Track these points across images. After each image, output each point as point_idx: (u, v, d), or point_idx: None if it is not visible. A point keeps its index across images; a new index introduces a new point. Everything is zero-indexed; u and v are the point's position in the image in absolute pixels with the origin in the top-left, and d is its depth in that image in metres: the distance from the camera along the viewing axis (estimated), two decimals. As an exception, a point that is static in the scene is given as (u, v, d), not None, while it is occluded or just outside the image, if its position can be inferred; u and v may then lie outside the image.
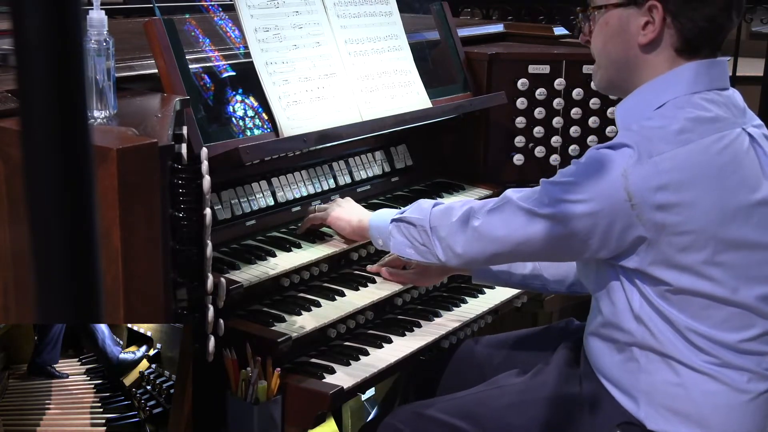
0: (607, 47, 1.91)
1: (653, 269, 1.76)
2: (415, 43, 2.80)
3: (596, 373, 1.95)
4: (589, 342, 1.98)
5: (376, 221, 2.18)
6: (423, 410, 2.05)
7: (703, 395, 1.80)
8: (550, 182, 1.84)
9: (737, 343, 1.80)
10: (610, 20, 1.88)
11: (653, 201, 1.71)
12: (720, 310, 1.78)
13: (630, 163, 1.72)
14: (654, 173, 1.71)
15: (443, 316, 2.39)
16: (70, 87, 0.63)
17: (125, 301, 1.52)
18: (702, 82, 1.82)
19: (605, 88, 2.01)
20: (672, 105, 1.81)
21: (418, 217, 2.04)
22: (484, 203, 1.94)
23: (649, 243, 1.74)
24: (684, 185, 1.72)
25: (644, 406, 1.84)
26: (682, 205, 1.72)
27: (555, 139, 2.95)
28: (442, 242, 1.99)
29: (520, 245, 1.86)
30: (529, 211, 1.83)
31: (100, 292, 0.67)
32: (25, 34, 0.62)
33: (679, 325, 1.79)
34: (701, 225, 1.72)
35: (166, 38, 2.07)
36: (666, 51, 1.84)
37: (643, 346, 1.83)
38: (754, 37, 7.53)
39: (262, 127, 2.27)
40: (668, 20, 1.81)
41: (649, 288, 1.79)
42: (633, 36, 1.85)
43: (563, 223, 1.79)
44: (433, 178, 2.91)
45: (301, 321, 2.08)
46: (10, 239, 1.62)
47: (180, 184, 1.73)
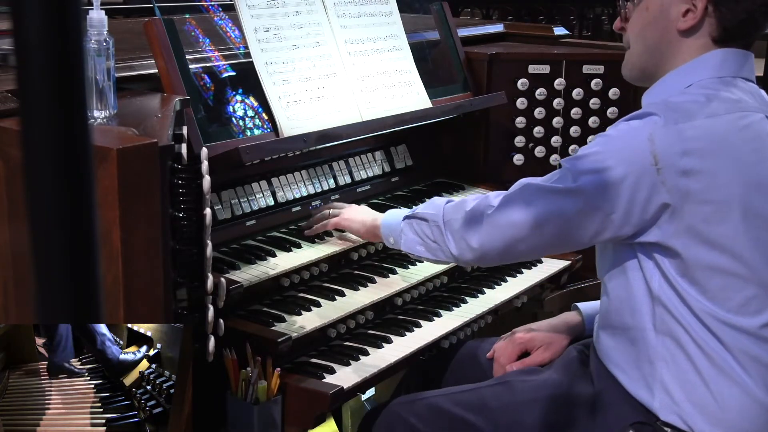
0: (645, 32, 1.92)
1: (674, 241, 1.75)
2: (415, 43, 2.80)
3: (609, 368, 1.94)
4: (600, 337, 1.97)
5: (388, 219, 2.17)
6: (429, 399, 2.05)
7: (720, 387, 1.79)
8: (572, 159, 1.84)
9: (755, 329, 1.79)
10: (651, 6, 1.90)
11: (679, 165, 1.72)
12: (738, 292, 1.78)
13: (657, 128, 1.74)
14: (680, 139, 1.73)
15: (443, 316, 2.39)
16: (70, 87, 0.63)
17: (125, 301, 1.52)
18: (729, 68, 1.85)
19: (637, 77, 2.01)
20: (697, 85, 1.84)
21: (432, 213, 2.01)
22: (498, 192, 1.92)
23: (672, 212, 1.74)
24: (708, 154, 1.73)
25: (659, 394, 1.83)
26: (706, 173, 1.72)
27: (555, 139, 2.95)
28: (455, 236, 1.95)
29: (539, 227, 1.82)
30: (549, 189, 1.82)
31: (100, 292, 0.67)
32: (25, 34, 0.62)
33: (697, 309, 1.78)
34: (724, 195, 1.73)
35: (166, 38, 2.07)
36: (702, 39, 1.86)
37: (660, 330, 1.81)
38: (754, 37, 7.51)
39: (262, 127, 2.27)
40: (710, 9, 1.83)
41: (669, 263, 1.77)
42: (672, 22, 1.86)
43: (587, 195, 1.77)
44: (433, 178, 2.91)
45: (301, 321, 2.08)
46: (10, 239, 1.62)
47: (180, 184, 1.73)
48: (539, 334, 2.23)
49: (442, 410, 2.03)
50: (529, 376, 2.10)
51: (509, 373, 2.16)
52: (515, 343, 2.22)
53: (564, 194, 1.80)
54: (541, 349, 2.20)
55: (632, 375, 1.88)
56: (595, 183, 1.77)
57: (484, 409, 2.01)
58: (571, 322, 2.26)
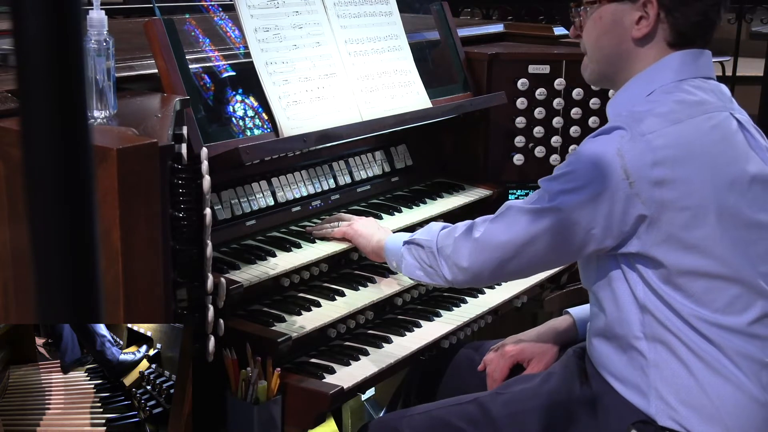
0: (600, 41, 1.94)
1: (655, 250, 1.77)
2: (415, 43, 2.80)
3: (603, 375, 1.95)
4: (593, 345, 1.98)
5: (391, 243, 2.19)
6: (425, 413, 2.05)
7: (714, 388, 1.80)
8: (547, 179, 1.86)
9: (743, 327, 1.80)
10: (604, 15, 1.91)
11: (650, 177, 1.73)
12: (722, 292, 1.79)
13: (624, 142, 1.75)
14: (648, 149, 1.74)
15: (443, 316, 2.39)
16: (70, 87, 0.63)
17: (125, 301, 1.52)
18: (688, 70, 1.87)
19: (596, 81, 2.07)
20: (659, 91, 1.85)
21: (427, 239, 2.05)
22: (485, 217, 1.96)
23: (650, 222, 1.75)
24: (678, 161, 1.75)
25: (654, 400, 1.84)
26: (679, 181, 1.74)
27: (555, 139, 2.95)
28: (448, 261, 1.99)
29: (524, 246, 1.85)
30: (530, 210, 1.84)
31: (100, 292, 0.67)
32: (25, 34, 0.62)
33: (684, 313, 1.79)
34: (699, 200, 1.75)
35: (166, 38, 2.07)
36: (658, 44, 1.88)
37: (651, 337, 1.82)
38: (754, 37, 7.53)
39: (262, 127, 2.27)
40: (662, 15, 1.86)
41: (652, 272, 1.79)
42: (626, 30, 1.89)
43: (566, 213, 1.79)
44: (433, 178, 2.91)
45: (301, 321, 2.08)
46: (10, 239, 1.62)
47: (180, 184, 1.73)
48: (528, 345, 2.24)
49: (442, 423, 2.03)
50: (528, 383, 2.09)
51: (507, 382, 2.15)
52: (506, 357, 2.23)
53: (543, 213, 1.82)
54: (534, 361, 2.22)
55: (626, 383, 1.89)
56: (571, 201, 1.79)
57: (485, 420, 2.01)
58: (560, 328, 2.27)
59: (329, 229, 2.34)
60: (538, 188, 1.88)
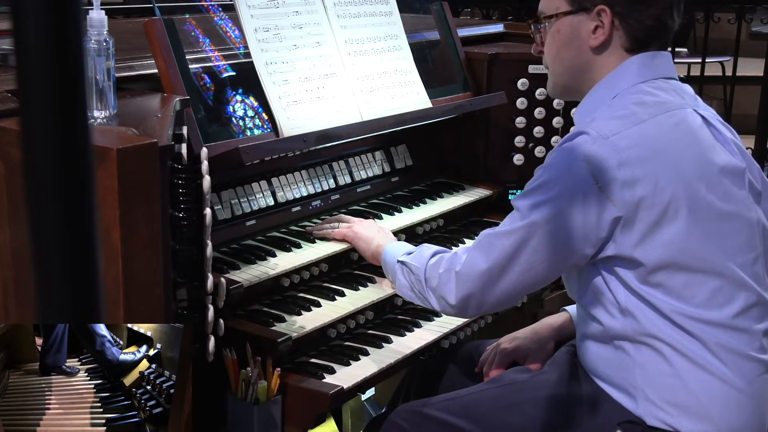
0: (561, 54, 1.98)
1: (632, 251, 1.78)
2: (415, 43, 2.80)
3: (592, 377, 1.96)
4: (581, 347, 2.00)
5: (388, 255, 2.18)
6: (423, 409, 2.05)
7: (699, 384, 1.81)
8: (518, 197, 1.88)
9: (727, 320, 1.81)
10: (562, 28, 1.96)
11: (618, 178, 1.75)
12: (702, 286, 1.80)
13: (589, 146, 1.77)
14: (614, 151, 1.76)
15: (443, 316, 2.39)
16: (70, 87, 0.63)
17: (125, 301, 1.52)
18: (647, 72, 1.90)
19: (560, 93, 2.11)
20: (620, 96, 1.89)
21: (417, 266, 2.04)
22: (465, 248, 1.97)
23: (624, 223, 1.76)
24: (644, 160, 1.76)
25: (642, 401, 1.85)
26: (647, 179, 1.75)
27: (555, 139, 2.95)
28: (435, 293, 1.99)
29: (505, 270, 1.85)
30: (505, 233, 1.85)
31: (100, 292, 0.67)
32: (25, 34, 0.62)
33: (666, 310, 1.80)
34: (669, 196, 1.76)
35: (166, 38, 2.07)
36: (616, 51, 1.92)
37: (634, 339, 1.84)
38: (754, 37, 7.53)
39: (262, 127, 2.27)
40: (616, 23, 1.90)
41: (631, 274, 1.80)
42: (584, 41, 1.93)
43: (541, 227, 1.80)
44: (433, 178, 2.91)
45: (301, 321, 2.08)
46: (10, 239, 1.62)
47: (180, 184, 1.73)
48: (524, 342, 2.24)
49: (441, 420, 2.03)
50: (523, 375, 2.10)
51: (501, 375, 2.16)
52: (502, 355, 2.23)
53: (519, 232, 1.83)
54: (530, 358, 2.22)
55: (615, 384, 1.91)
56: (545, 214, 1.80)
57: (482, 413, 2.01)
58: (555, 324, 2.27)
59: (329, 230, 2.34)
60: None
